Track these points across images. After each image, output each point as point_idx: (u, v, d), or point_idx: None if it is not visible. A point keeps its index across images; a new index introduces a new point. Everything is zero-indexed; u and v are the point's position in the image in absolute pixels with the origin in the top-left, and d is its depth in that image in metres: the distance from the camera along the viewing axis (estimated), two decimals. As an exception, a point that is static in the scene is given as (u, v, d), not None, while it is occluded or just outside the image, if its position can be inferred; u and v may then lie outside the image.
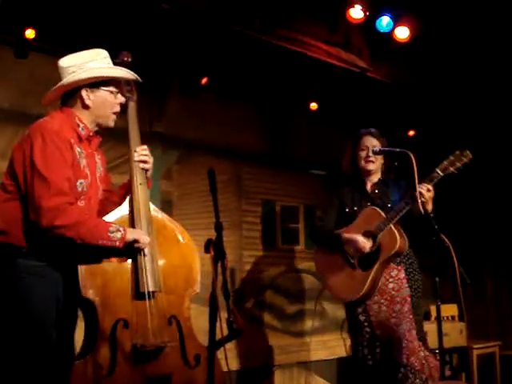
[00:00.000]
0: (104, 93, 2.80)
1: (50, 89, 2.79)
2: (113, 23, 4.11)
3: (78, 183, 2.70)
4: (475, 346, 5.77)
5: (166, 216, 3.05)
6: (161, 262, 2.84)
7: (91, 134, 2.83)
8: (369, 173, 3.96)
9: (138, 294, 2.73)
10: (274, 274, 5.59)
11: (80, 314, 2.85)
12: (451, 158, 3.65)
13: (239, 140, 5.45)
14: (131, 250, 2.72)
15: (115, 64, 2.93)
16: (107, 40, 3.90)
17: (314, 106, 5.74)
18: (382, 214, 3.73)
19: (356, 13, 4.80)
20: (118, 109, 2.85)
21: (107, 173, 3.11)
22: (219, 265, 2.27)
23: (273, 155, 5.72)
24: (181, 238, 2.98)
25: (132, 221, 2.84)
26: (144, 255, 2.75)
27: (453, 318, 6.04)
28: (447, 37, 5.14)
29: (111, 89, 2.82)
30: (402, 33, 5.00)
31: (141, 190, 2.89)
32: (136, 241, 2.69)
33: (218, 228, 2.34)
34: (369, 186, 3.98)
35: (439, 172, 3.64)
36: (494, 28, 4.94)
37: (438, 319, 3.24)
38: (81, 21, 4.04)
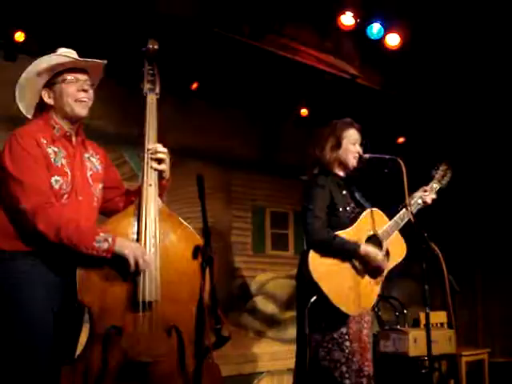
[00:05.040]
0: (59, 85, 2.67)
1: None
2: (102, 27, 4.10)
3: (52, 180, 2.59)
4: (464, 354, 5.77)
5: (178, 217, 2.79)
6: (166, 268, 2.64)
7: (68, 133, 2.71)
8: (349, 170, 3.63)
9: (135, 303, 2.58)
10: (264, 280, 5.58)
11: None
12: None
13: (229, 146, 5.45)
14: (122, 261, 2.55)
15: (142, 51, 2.81)
16: (95, 41, 3.91)
17: (304, 112, 5.75)
18: (385, 217, 3.54)
19: (347, 20, 4.82)
20: (80, 96, 2.68)
21: (114, 169, 3.01)
22: (207, 271, 2.25)
23: (263, 161, 5.72)
24: (189, 243, 2.66)
25: (138, 223, 2.67)
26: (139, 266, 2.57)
27: (442, 325, 6.04)
28: (437, 45, 5.17)
29: (66, 77, 2.67)
30: (393, 40, 5.03)
31: (149, 192, 2.70)
32: (123, 255, 2.52)
33: (206, 234, 2.32)
34: (344, 184, 3.63)
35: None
36: (483, 36, 4.97)
37: (427, 326, 3.22)
38: (71, 24, 4.03)
